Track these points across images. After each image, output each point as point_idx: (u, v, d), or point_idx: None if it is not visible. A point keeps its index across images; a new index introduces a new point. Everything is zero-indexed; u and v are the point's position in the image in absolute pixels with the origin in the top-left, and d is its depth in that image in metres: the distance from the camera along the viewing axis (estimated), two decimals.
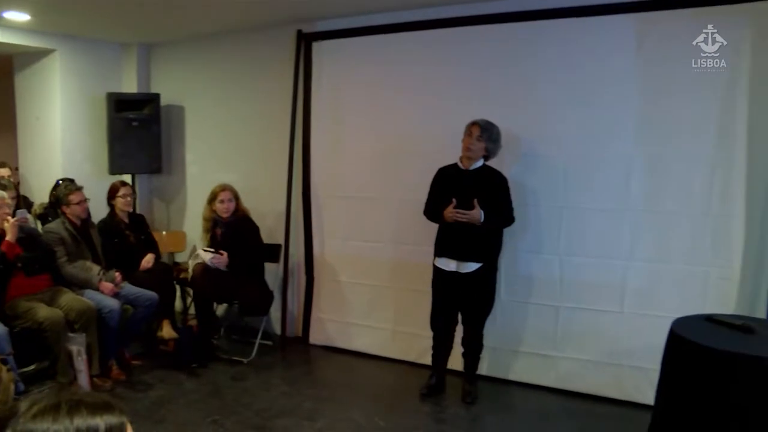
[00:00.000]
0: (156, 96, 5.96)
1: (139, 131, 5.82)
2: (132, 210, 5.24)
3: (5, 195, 4.26)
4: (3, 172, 5.28)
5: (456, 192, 4.01)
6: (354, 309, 5.15)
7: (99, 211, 5.06)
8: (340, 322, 5.23)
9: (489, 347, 4.45)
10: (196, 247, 5.34)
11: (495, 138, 4.05)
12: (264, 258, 5.18)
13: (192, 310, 5.38)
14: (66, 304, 4.22)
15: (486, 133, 4.02)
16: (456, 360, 4.33)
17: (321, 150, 5.27)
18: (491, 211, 3.96)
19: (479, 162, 4.08)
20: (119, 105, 5.74)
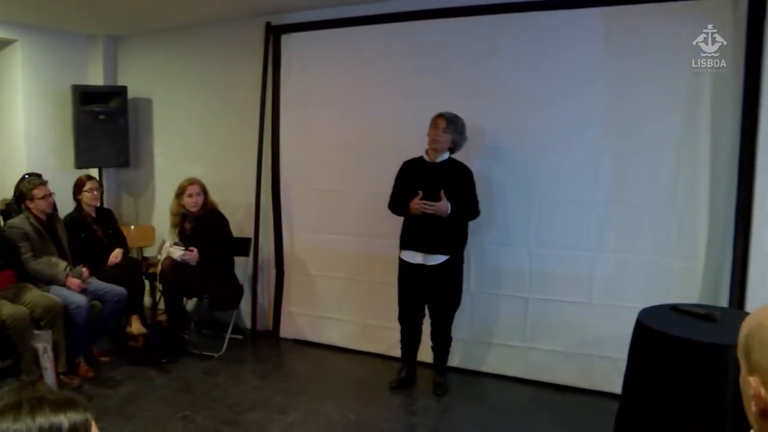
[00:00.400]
0: (123, 89, 5.87)
1: (106, 124, 5.73)
2: (99, 204, 5.16)
3: None
4: None
5: (422, 185, 4.01)
6: (324, 302, 5.15)
7: (65, 206, 4.98)
8: (310, 315, 5.23)
9: (460, 339, 4.49)
10: (164, 242, 5.29)
11: (461, 130, 4.06)
12: (234, 252, 5.16)
13: (161, 305, 5.33)
14: (31, 300, 4.16)
15: (452, 125, 4.03)
16: (426, 352, 4.35)
17: (290, 143, 5.25)
18: (457, 204, 3.98)
19: (445, 155, 4.09)
20: (85, 98, 5.64)
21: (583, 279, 4.18)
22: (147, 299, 5.47)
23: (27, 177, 4.83)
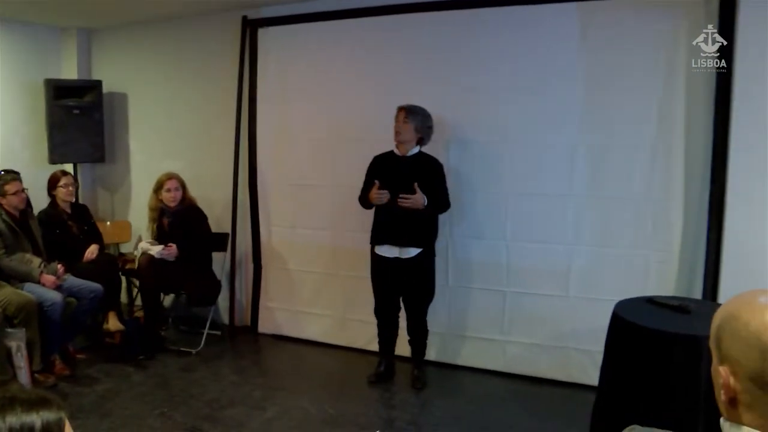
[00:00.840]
0: (98, 83, 5.80)
1: (81, 119, 5.66)
2: (74, 200, 5.11)
3: None
4: None
5: (393, 179, 4.02)
6: (302, 297, 5.14)
7: (39, 202, 4.91)
8: (288, 310, 5.22)
9: (437, 333, 4.51)
10: (141, 238, 5.25)
11: (423, 120, 4.06)
12: (211, 247, 5.13)
13: (138, 301, 5.30)
14: (4, 298, 4.09)
15: (411, 115, 4.03)
16: (404, 346, 4.37)
17: (267, 137, 5.23)
18: (430, 197, 3.99)
19: (415, 148, 4.10)
20: (58, 92, 5.56)
21: (560, 272, 4.22)
22: (124, 295, 5.42)
23: (2, 173, 4.75)
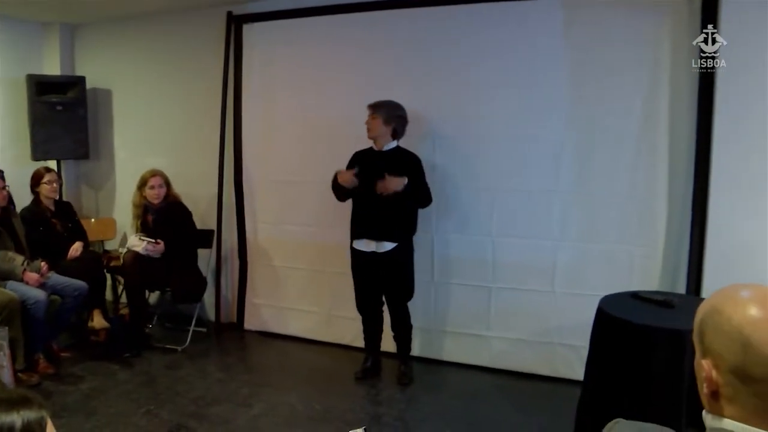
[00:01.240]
0: (81, 79, 5.74)
1: (64, 115, 5.60)
2: (58, 197, 5.07)
3: None
4: None
5: (371, 173, 4.03)
6: (288, 293, 5.14)
7: (22, 199, 4.87)
8: (274, 307, 5.21)
9: (423, 329, 4.53)
10: (126, 235, 5.22)
11: (390, 111, 4.05)
12: (197, 244, 5.11)
13: (123, 298, 5.26)
14: None
15: (377, 110, 4.04)
16: (390, 342, 4.37)
17: (252, 133, 5.21)
18: (410, 188, 3.97)
19: (392, 143, 4.10)
20: (41, 88, 5.50)
21: (545, 268, 4.24)
22: (109, 293, 5.39)
23: None
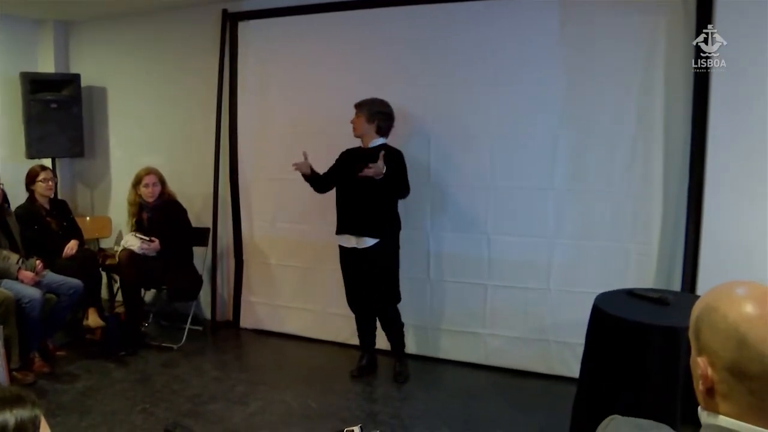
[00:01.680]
0: (76, 76, 5.73)
1: (59, 113, 5.59)
2: (53, 195, 5.06)
3: None
4: None
5: (356, 167, 4.02)
6: (284, 291, 5.13)
7: (17, 198, 4.86)
8: (270, 305, 5.21)
9: (419, 326, 4.54)
10: (122, 233, 5.21)
11: (371, 107, 4.07)
12: (192, 242, 5.11)
13: (119, 297, 5.25)
14: None
15: (360, 108, 4.08)
16: (385, 340, 4.37)
17: (248, 131, 5.20)
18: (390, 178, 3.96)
19: (377, 140, 4.11)
20: (35, 85, 5.48)
21: (541, 265, 4.24)
22: (104, 291, 5.39)
23: None
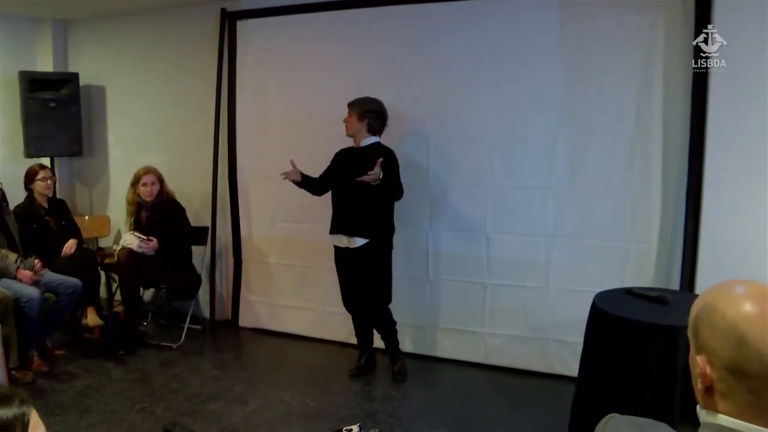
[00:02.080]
0: (74, 75, 5.73)
1: (57, 112, 5.58)
2: (52, 194, 5.06)
3: None
4: None
5: (349, 167, 4.03)
6: (283, 290, 5.13)
7: (16, 197, 4.85)
8: (269, 304, 5.21)
9: (418, 326, 4.55)
10: (120, 232, 5.21)
11: (361, 106, 4.06)
12: (191, 241, 5.11)
13: (118, 296, 5.25)
14: None
15: (351, 108, 4.09)
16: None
17: (247, 130, 5.20)
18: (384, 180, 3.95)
19: (369, 138, 4.11)
20: (34, 84, 5.48)
21: (540, 264, 4.24)
22: (103, 290, 5.39)
23: None
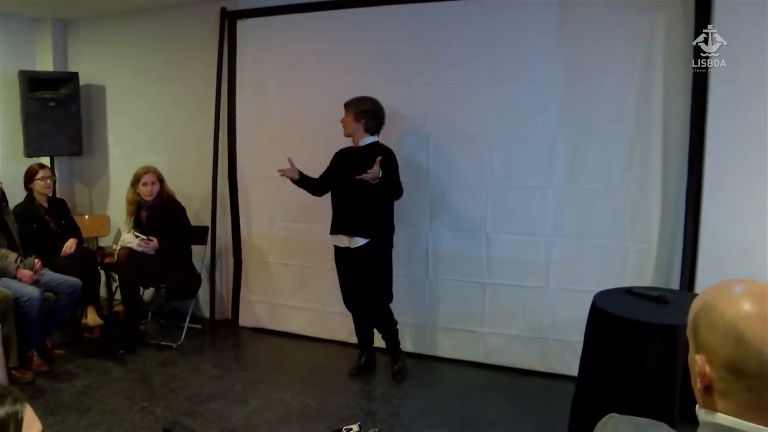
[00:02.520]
0: (74, 75, 5.73)
1: (57, 112, 5.58)
2: (52, 194, 5.06)
3: None
4: None
5: (348, 167, 4.03)
6: (283, 290, 5.13)
7: (15, 197, 4.85)
8: (269, 303, 5.21)
9: (417, 325, 4.55)
10: (120, 232, 5.21)
11: (357, 106, 4.06)
12: (191, 240, 5.11)
13: (118, 295, 5.25)
14: None
15: (347, 108, 4.09)
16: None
17: (247, 130, 5.20)
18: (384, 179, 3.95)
19: (367, 138, 4.11)
20: (33, 84, 5.47)
21: (540, 264, 4.24)
22: (103, 290, 5.39)
23: None
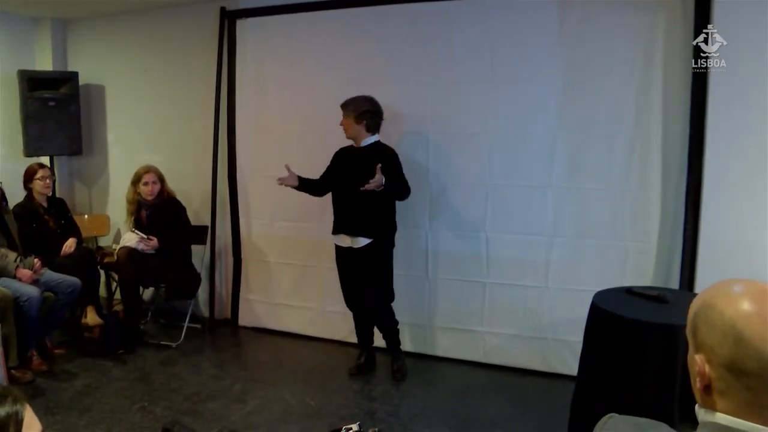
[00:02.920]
0: (74, 74, 5.73)
1: (56, 111, 5.58)
2: (51, 193, 5.06)
3: None
4: None
5: (350, 167, 4.04)
6: (282, 289, 5.13)
7: (15, 196, 4.85)
8: (268, 303, 5.21)
9: (417, 324, 4.54)
10: (120, 231, 5.21)
11: (356, 107, 4.05)
12: (191, 240, 5.11)
13: (117, 295, 5.25)
14: None
15: (345, 110, 4.08)
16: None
17: (246, 129, 5.20)
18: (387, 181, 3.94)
19: (368, 138, 4.10)
20: (33, 83, 5.47)
21: (539, 263, 4.24)
22: (103, 290, 5.38)
23: None
